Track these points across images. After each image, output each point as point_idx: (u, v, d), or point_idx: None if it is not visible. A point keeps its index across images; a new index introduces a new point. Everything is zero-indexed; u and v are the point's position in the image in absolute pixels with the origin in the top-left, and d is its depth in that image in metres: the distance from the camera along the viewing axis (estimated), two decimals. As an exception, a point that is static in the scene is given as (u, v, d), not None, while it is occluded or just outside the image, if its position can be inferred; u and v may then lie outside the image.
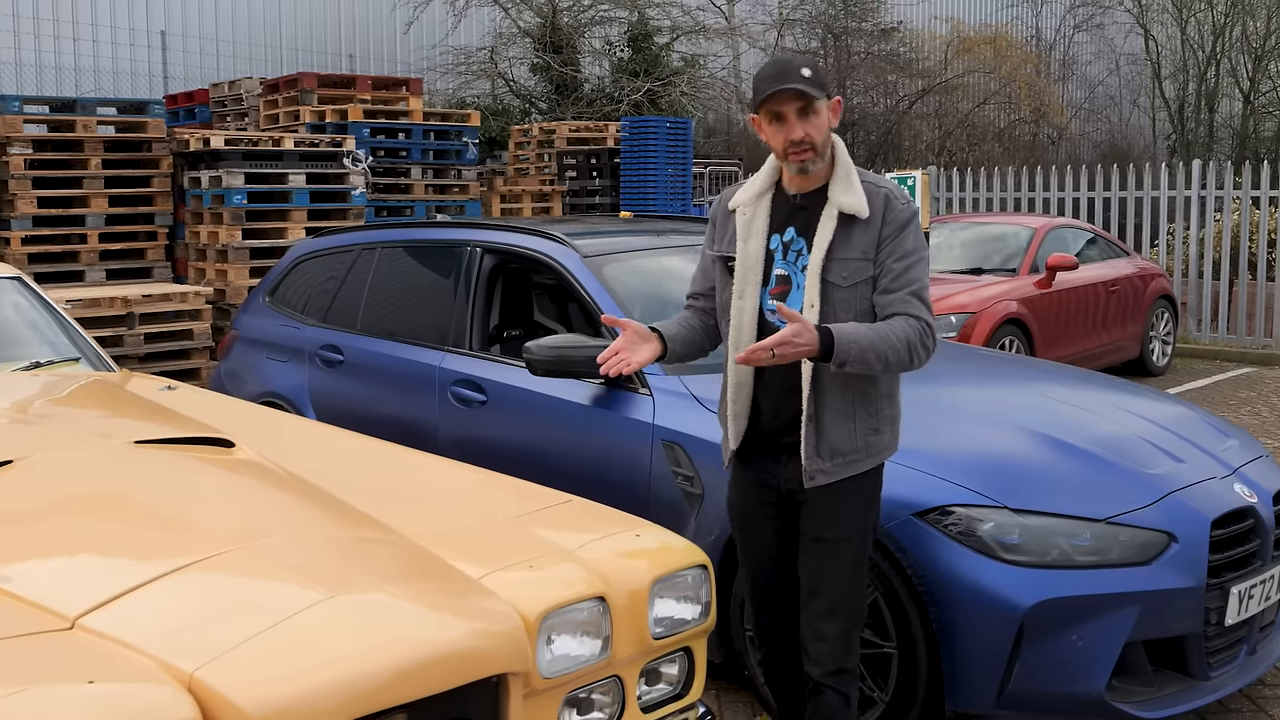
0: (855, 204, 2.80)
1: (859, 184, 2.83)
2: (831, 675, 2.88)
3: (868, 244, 2.81)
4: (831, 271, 2.80)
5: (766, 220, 2.91)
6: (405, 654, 2.07)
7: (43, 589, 2.22)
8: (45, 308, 4.43)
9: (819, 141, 2.79)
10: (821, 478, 2.83)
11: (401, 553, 2.47)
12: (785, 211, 2.90)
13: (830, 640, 2.87)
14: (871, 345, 2.71)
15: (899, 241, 2.81)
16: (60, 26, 16.00)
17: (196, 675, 1.96)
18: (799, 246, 2.87)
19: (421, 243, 5.26)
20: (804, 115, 2.77)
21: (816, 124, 2.78)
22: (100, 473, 2.79)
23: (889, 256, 2.81)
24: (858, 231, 2.81)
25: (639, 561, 2.60)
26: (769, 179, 2.94)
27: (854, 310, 2.81)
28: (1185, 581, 3.37)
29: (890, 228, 2.82)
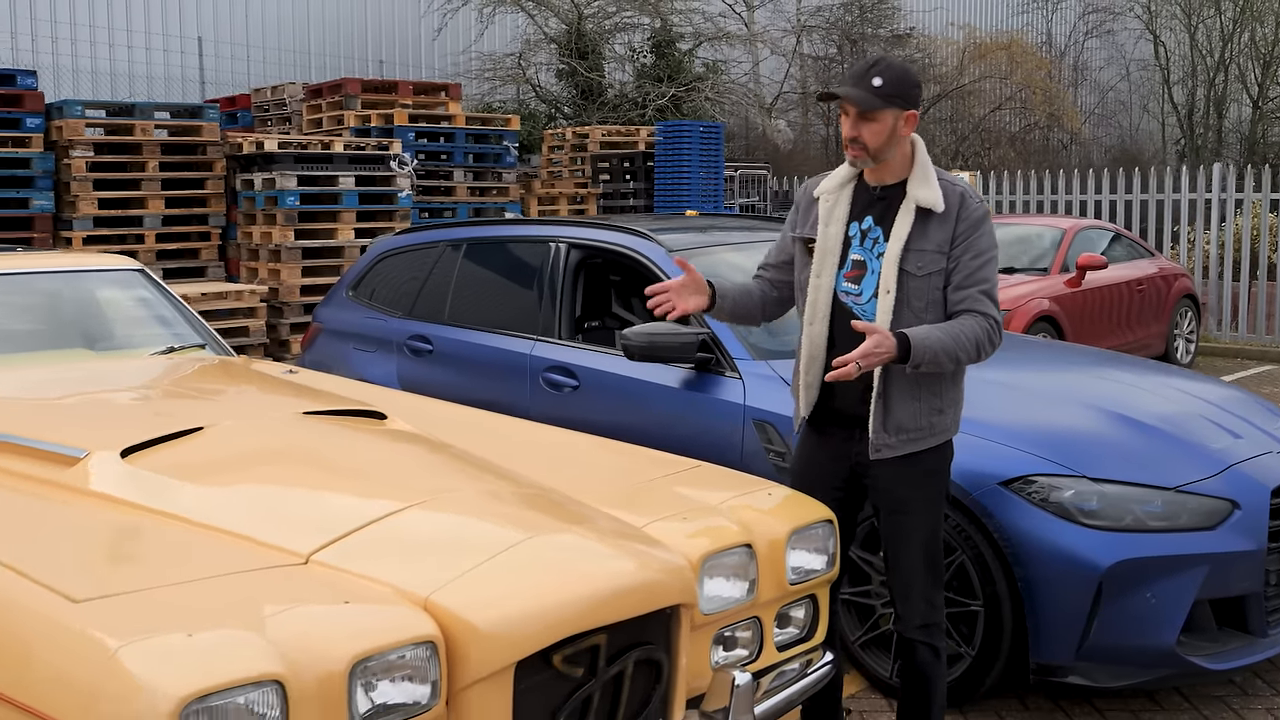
0: (932, 199, 3.03)
1: (936, 181, 3.06)
2: (919, 630, 3.18)
3: (943, 238, 3.04)
4: (908, 261, 3.04)
5: (847, 208, 3.15)
6: (604, 584, 2.39)
7: (270, 532, 2.53)
8: (168, 298, 4.75)
9: (871, 145, 3.01)
10: (887, 451, 3.08)
11: (573, 504, 2.78)
12: (865, 201, 3.14)
13: (914, 600, 3.16)
14: (944, 348, 2.95)
15: (974, 239, 3.03)
16: (96, 32, 16.31)
17: (431, 599, 2.27)
18: (875, 235, 3.10)
19: (507, 239, 5.57)
20: (862, 118, 3.00)
21: (872, 129, 3.00)
22: (284, 437, 3.11)
23: (964, 253, 3.03)
24: (934, 226, 3.04)
25: (776, 515, 2.91)
26: (852, 170, 3.16)
27: (925, 298, 3.05)
28: (1248, 545, 3.69)
29: (965, 224, 3.04)
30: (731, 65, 19.63)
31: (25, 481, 2.90)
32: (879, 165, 3.09)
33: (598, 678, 2.39)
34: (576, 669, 2.36)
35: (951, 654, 3.78)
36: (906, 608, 3.17)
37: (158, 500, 2.72)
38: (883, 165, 3.09)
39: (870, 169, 3.12)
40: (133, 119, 10.20)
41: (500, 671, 2.23)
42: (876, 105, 2.98)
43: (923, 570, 3.15)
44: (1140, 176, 13.20)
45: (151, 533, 2.57)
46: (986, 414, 3.88)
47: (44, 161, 9.75)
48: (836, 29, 21.97)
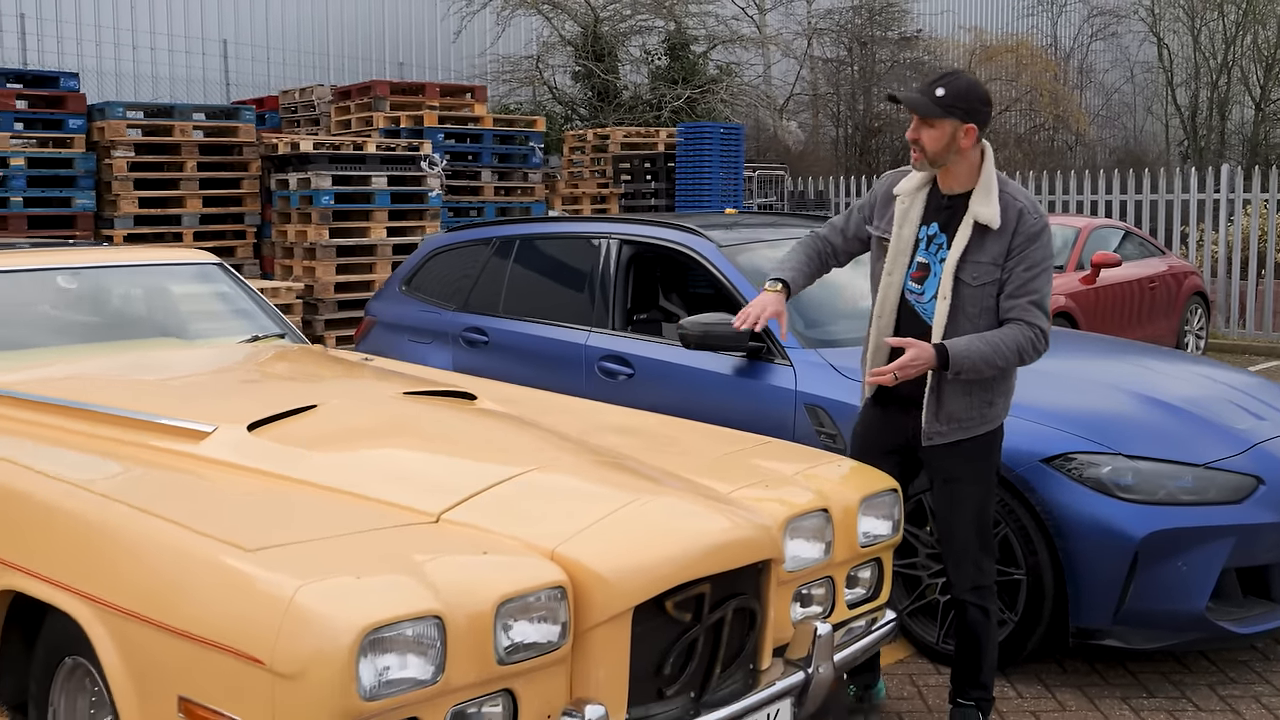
0: (990, 216, 3.26)
1: (997, 196, 3.28)
2: (970, 592, 3.46)
3: (999, 252, 3.28)
4: (964, 271, 3.30)
5: (921, 212, 3.43)
6: (707, 539, 2.66)
7: (399, 495, 2.81)
8: (246, 290, 5.02)
9: (929, 150, 3.28)
10: (939, 438, 3.37)
11: (665, 472, 3.06)
12: (935, 207, 3.40)
13: (965, 566, 3.44)
14: (984, 358, 3.22)
15: (1029, 252, 3.26)
16: (120, 34, 16.58)
17: (558, 550, 2.54)
18: (940, 240, 3.36)
19: (560, 235, 5.85)
20: (923, 123, 3.27)
21: (931, 135, 3.26)
22: (392, 414, 3.38)
23: (1018, 265, 3.26)
24: (990, 240, 3.27)
25: (847, 484, 3.19)
26: (926, 179, 3.42)
27: (980, 305, 3.31)
28: (1272, 517, 3.96)
29: (1021, 238, 3.27)
30: (744, 68, 19.90)
31: (160, 454, 3.18)
32: (945, 172, 3.35)
33: (702, 623, 2.67)
34: (684, 615, 2.64)
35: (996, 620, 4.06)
36: (958, 573, 3.45)
37: (288, 468, 2.99)
38: (951, 174, 3.35)
39: (943, 177, 3.38)
40: (172, 120, 10.48)
41: (620, 615, 2.51)
42: (935, 113, 3.25)
43: (974, 537, 3.42)
44: (1150, 177, 13.48)
45: (290, 496, 2.85)
46: (1028, 397, 4.15)
47: (86, 161, 10.04)
48: (846, 32, 22.25)
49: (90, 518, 2.71)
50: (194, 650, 2.35)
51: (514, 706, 2.43)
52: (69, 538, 2.71)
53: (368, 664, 2.18)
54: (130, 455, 3.19)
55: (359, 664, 2.16)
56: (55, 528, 2.77)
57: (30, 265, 4.52)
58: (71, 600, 2.64)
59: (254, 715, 2.24)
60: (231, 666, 2.28)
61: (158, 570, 2.48)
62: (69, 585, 2.65)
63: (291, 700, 2.19)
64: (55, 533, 2.76)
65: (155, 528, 2.59)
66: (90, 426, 3.41)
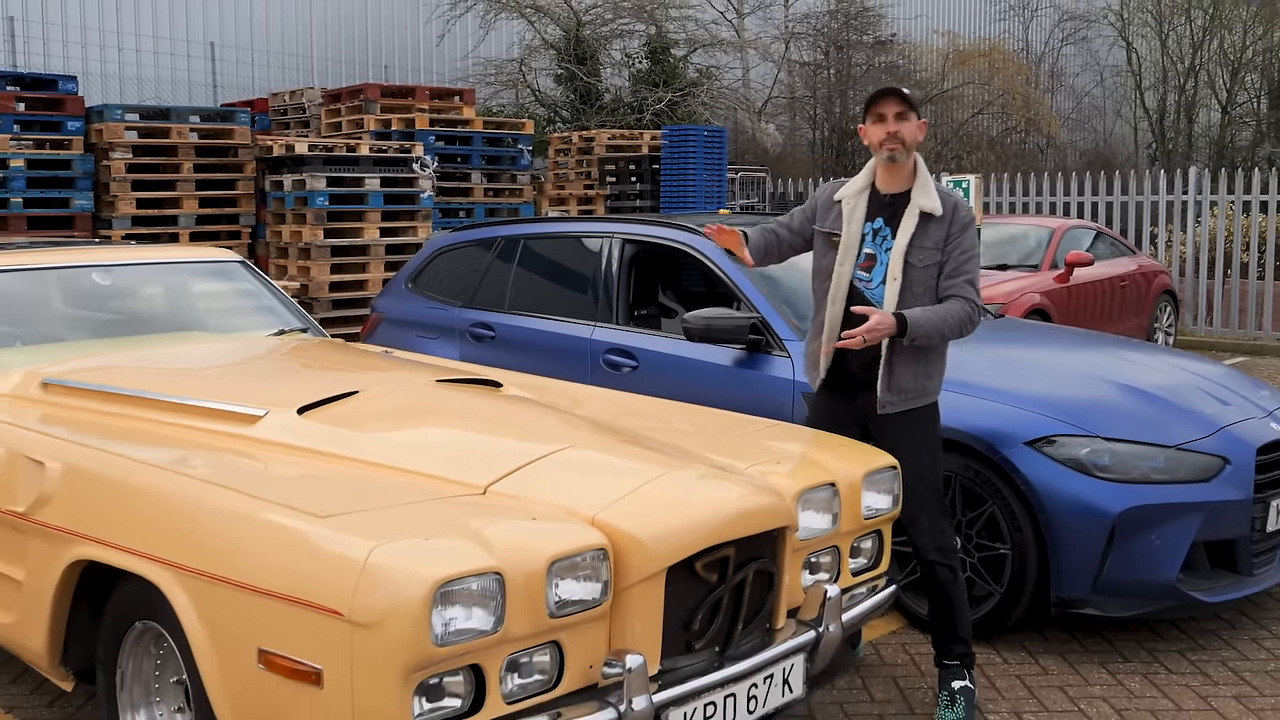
0: (933, 205, 3.73)
1: (935, 191, 3.76)
2: (936, 552, 3.81)
3: (940, 237, 3.74)
4: (912, 254, 3.73)
5: (864, 211, 3.85)
6: (731, 506, 2.94)
7: (446, 470, 3.07)
8: (268, 286, 5.27)
9: (906, 139, 3.73)
10: (890, 407, 3.78)
11: (685, 450, 3.33)
12: (877, 206, 3.83)
13: (925, 527, 3.80)
14: (934, 326, 3.66)
15: (963, 239, 3.75)
16: (106, 36, 16.72)
17: (598, 517, 2.81)
18: (885, 233, 3.79)
19: (564, 235, 6.12)
20: (899, 117, 3.72)
21: (906, 127, 3.73)
22: (428, 398, 3.65)
23: (955, 249, 3.74)
24: (933, 226, 3.73)
25: (852, 462, 3.47)
26: (866, 180, 3.87)
27: (924, 285, 3.76)
28: (1237, 495, 4.28)
29: (957, 226, 3.75)
30: (724, 71, 20.21)
31: (215, 436, 3.43)
32: (890, 174, 3.81)
33: (727, 583, 2.94)
34: (711, 575, 2.91)
35: (982, 593, 4.37)
36: (923, 536, 3.81)
37: (338, 447, 3.25)
38: (894, 175, 3.80)
39: (882, 177, 3.83)
40: (168, 122, 10.67)
41: (655, 575, 2.78)
42: (911, 107, 3.76)
43: (929, 502, 3.78)
44: (1120, 179, 13.86)
45: (345, 472, 3.10)
46: (1012, 385, 4.48)
47: (84, 163, 10.22)
48: (823, 36, 22.59)
49: (167, 491, 2.96)
50: (273, 606, 2.61)
51: (560, 656, 2.70)
52: (147, 510, 2.96)
53: (438, 614, 2.45)
54: (188, 438, 3.43)
55: (431, 614, 2.43)
56: (132, 502, 3.02)
57: (67, 263, 4.76)
58: (151, 567, 2.89)
59: (332, 662, 2.50)
60: (310, 619, 2.54)
61: (236, 536, 2.73)
62: (148, 553, 2.90)
63: (369, 647, 2.45)
64: (132, 506, 3.00)
65: (230, 499, 2.84)
66: (144, 412, 3.65)
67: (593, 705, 2.69)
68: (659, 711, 2.75)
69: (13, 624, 3.44)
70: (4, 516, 3.40)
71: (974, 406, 4.40)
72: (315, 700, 2.54)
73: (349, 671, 2.48)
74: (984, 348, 5.02)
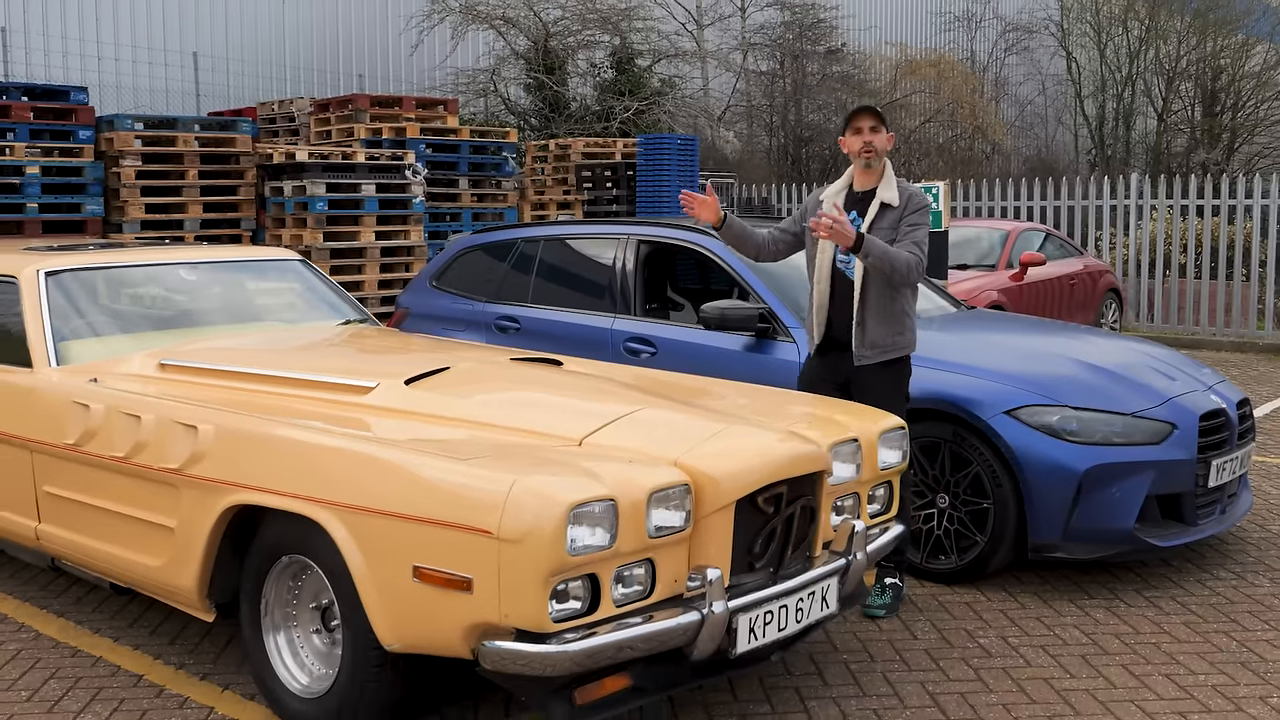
0: (891, 197, 4.70)
1: (895, 187, 4.68)
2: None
3: (895, 219, 4.68)
4: (873, 234, 4.64)
5: (843, 205, 4.76)
6: (783, 452, 3.61)
7: (545, 426, 3.72)
8: (326, 281, 5.87)
9: (878, 147, 4.71)
10: (865, 360, 4.68)
11: (732, 411, 4.01)
12: (852, 201, 4.81)
13: None
14: (884, 251, 4.51)
15: (914, 217, 4.68)
16: (85, 45, 17.08)
17: (679, 460, 3.47)
18: (858, 222, 4.71)
19: (583, 235, 6.77)
20: (872, 130, 4.69)
21: (878, 138, 4.71)
22: (510, 372, 4.29)
23: (905, 224, 4.67)
24: (890, 214, 4.70)
25: (869, 421, 4.16)
26: (845, 181, 4.87)
27: None
28: (1183, 455, 5.03)
29: (910, 210, 4.69)
30: (686, 81, 20.93)
31: (335, 405, 4.05)
32: (867, 174, 4.75)
33: (780, 514, 3.62)
34: (768, 508, 3.59)
35: (968, 543, 5.08)
36: None
37: (447, 410, 3.89)
38: (868, 176, 4.77)
39: (858, 179, 4.81)
40: (175, 131, 11.19)
41: (726, 506, 3.45)
42: (883, 122, 4.70)
43: None
44: (1067, 184, 14.75)
45: (459, 429, 3.74)
46: (993, 364, 5.20)
47: (95, 170, 10.71)
48: (779, 46, 23.39)
49: (319, 444, 3.58)
50: (426, 530, 3.24)
51: (654, 571, 3.36)
52: (305, 460, 3.57)
53: (571, 531, 3.10)
54: (309, 407, 4.05)
55: (566, 531, 3.08)
56: (288, 454, 3.63)
57: (160, 260, 5.35)
58: (311, 507, 3.51)
59: (482, 571, 3.14)
60: (461, 539, 3.18)
61: (390, 477, 3.36)
62: (307, 495, 3.52)
63: (514, 558, 3.09)
64: (289, 457, 3.61)
65: (379, 447, 3.47)
66: (261, 386, 4.27)
67: (680, 609, 3.36)
68: (731, 616, 3.42)
69: (161, 566, 4.03)
70: (156, 473, 3.99)
71: (960, 382, 5.11)
72: (466, 603, 3.18)
73: (496, 579, 3.13)
74: (966, 334, 5.76)
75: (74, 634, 4.65)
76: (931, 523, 5.17)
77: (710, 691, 4.05)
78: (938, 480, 5.14)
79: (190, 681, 4.17)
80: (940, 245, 7.93)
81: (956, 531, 5.11)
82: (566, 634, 3.16)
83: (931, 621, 4.71)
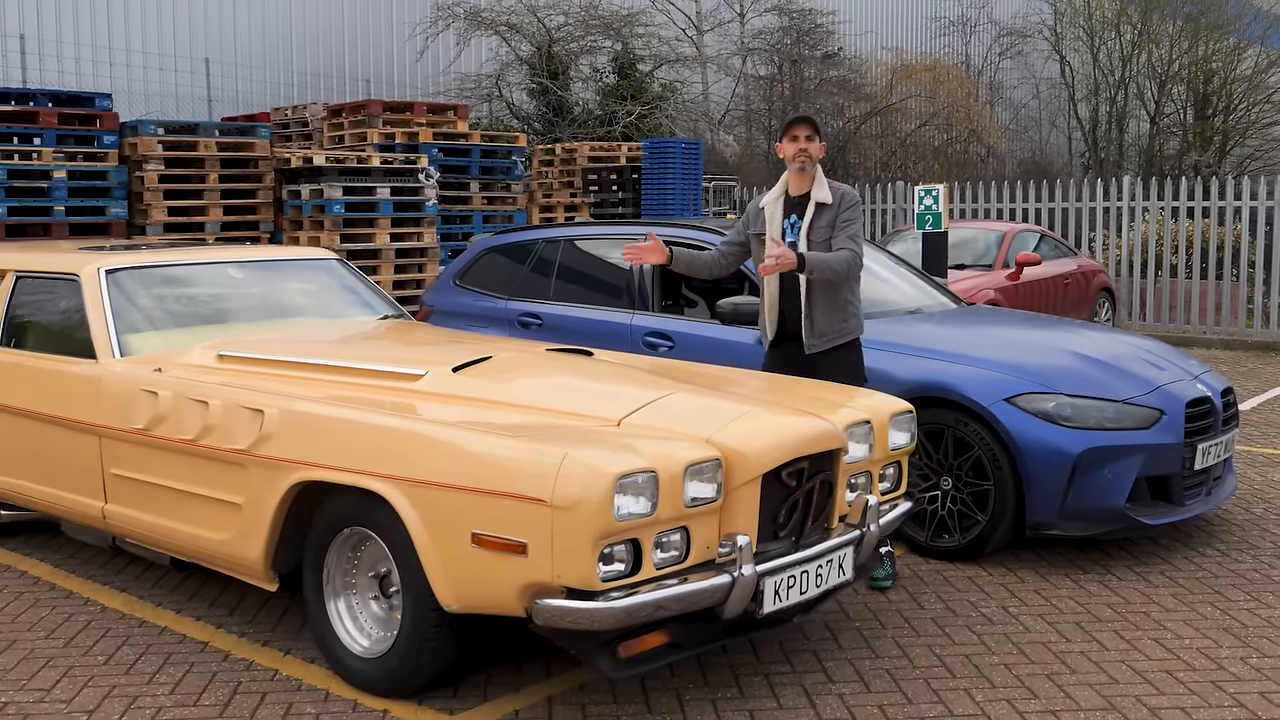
0: (824, 196, 5.11)
1: (827, 187, 5.10)
2: None
3: (831, 218, 5.10)
4: (812, 234, 5.10)
5: (781, 211, 5.20)
6: (804, 431, 3.96)
7: (585, 408, 4.06)
8: (362, 280, 6.21)
9: (812, 154, 5.11)
10: (814, 348, 5.12)
11: (755, 395, 4.35)
12: (789, 205, 5.21)
13: None
14: (825, 262, 4.95)
15: (848, 214, 5.10)
16: (98, 52, 17.42)
17: (711, 438, 3.82)
18: (798, 224, 5.15)
19: (601, 236, 7.12)
20: (808, 139, 5.09)
21: (813, 146, 5.11)
22: (547, 361, 4.63)
23: (840, 221, 5.09)
24: (825, 213, 5.10)
25: (881, 405, 4.51)
26: (781, 189, 5.25)
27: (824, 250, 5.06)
28: (1171, 439, 5.39)
29: (844, 208, 5.11)
30: (686, 85, 21.31)
31: (387, 391, 4.39)
32: (801, 179, 5.15)
33: (801, 488, 3.97)
34: (791, 482, 3.93)
35: (970, 522, 5.43)
36: None
37: (494, 395, 4.23)
38: (802, 180, 5.15)
39: (793, 184, 5.18)
40: (196, 136, 11.53)
41: (753, 480, 3.79)
42: (817, 132, 5.13)
43: None
44: (1061, 187, 15.13)
45: (505, 411, 4.09)
46: (993, 355, 5.56)
47: (119, 174, 11.05)
48: (777, 51, 23.77)
49: (380, 424, 3.92)
50: (484, 500, 3.59)
51: (688, 537, 3.70)
52: (368, 439, 3.91)
53: (617, 499, 3.44)
54: (363, 393, 4.39)
55: (614, 499, 3.42)
56: (352, 434, 3.96)
57: (210, 259, 5.69)
58: (375, 482, 3.85)
59: (536, 536, 3.48)
60: (517, 507, 3.52)
61: (449, 452, 3.70)
62: (371, 471, 3.86)
63: (566, 524, 3.44)
64: (353, 437, 3.95)
65: (436, 427, 3.82)
66: (316, 374, 4.61)
67: (712, 573, 3.71)
68: (758, 579, 3.77)
69: (228, 540, 4.37)
70: (224, 454, 4.34)
71: (961, 372, 5.46)
72: (521, 566, 3.53)
73: (550, 543, 3.47)
74: (967, 328, 6.12)
75: (138, 607, 4.99)
76: (936, 504, 5.52)
77: (735, 654, 4.40)
78: (941, 464, 5.49)
79: (253, 647, 4.52)
80: (940, 245, 8.29)
81: (959, 512, 5.46)
82: (612, 593, 3.50)
83: (937, 594, 5.06)
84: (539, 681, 4.19)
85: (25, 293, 5.63)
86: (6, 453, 5.42)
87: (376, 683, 4.05)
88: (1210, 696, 4.04)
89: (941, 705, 3.98)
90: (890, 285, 6.82)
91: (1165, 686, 4.12)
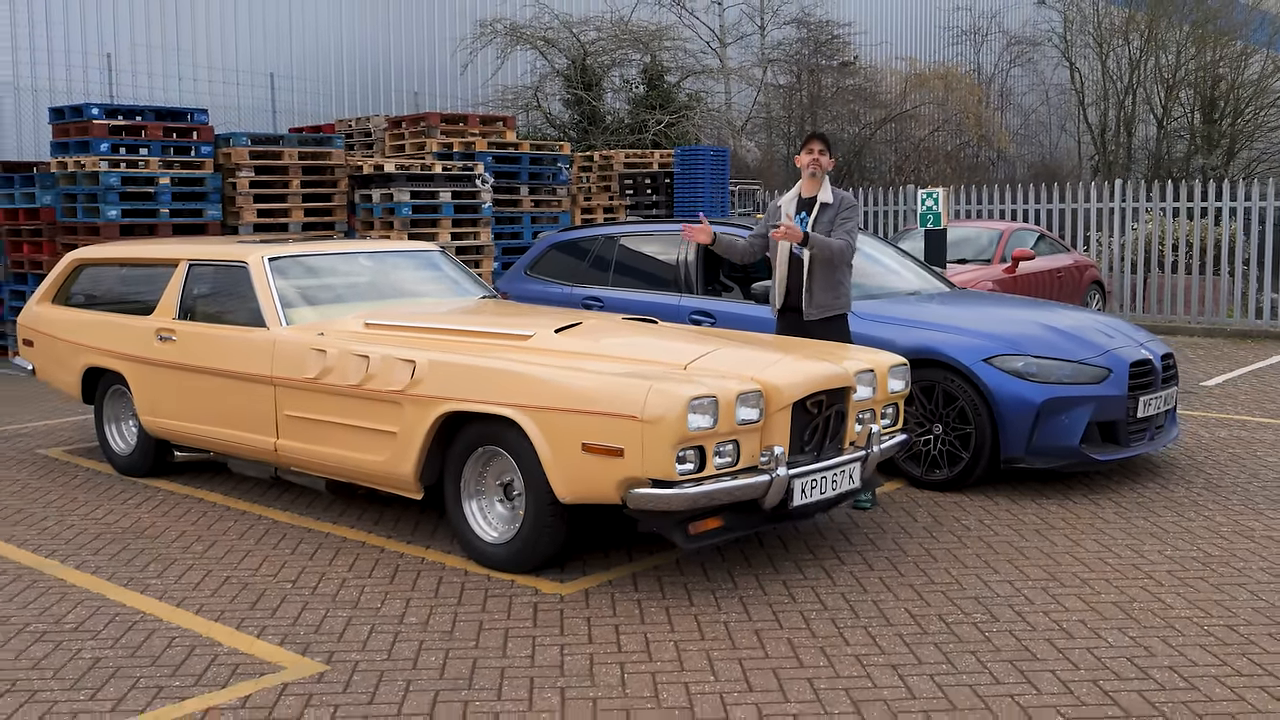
0: (827, 198, 6.50)
1: (831, 192, 6.42)
2: None
3: (832, 216, 6.47)
4: (817, 228, 6.46)
5: (794, 208, 6.55)
6: (824, 371, 5.33)
7: (657, 355, 5.44)
8: (461, 268, 7.61)
9: (823, 164, 6.49)
10: (812, 317, 6.47)
11: (784, 349, 5.74)
12: (801, 204, 6.58)
13: None
14: (824, 244, 6.32)
15: (845, 213, 6.47)
16: (168, 67, 18.86)
17: (755, 376, 5.19)
18: (806, 219, 6.49)
19: (652, 233, 8.51)
20: (820, 152, 6.45)
21: (824, 159, 6.52)
22: (625, 325, 6.02)
23: (839, 218, 6.46)
24: (828, 211, 6.48)
25: (882, 359, 5.87)
26: (796, 191, 6.63)
27: None
28: (1117, 392, 6.74)
29: (842, 208, 6.48)
30: (711, 95, 22.70)
31: (505, 348, 5.77)
32: (813, 184, 6.50)
33: (821, 415, 5.34)
34: (813, 410, 5.31)
35: (956, 459, 6.79)
36: None
37: (590, 349, 5.60)
38: (813, 185, 6.55)
39: (805, 188, 6.55)
40: (280, 146, 12.97)
41: (785, 407, 5.16)
42: (829, 145, 6.46)
43: None
44: (1068, 189, 16.45)
45: (599, 360, 5.46)
46: (975, 325, 6.92)
47: (214, 180, 12.49)
48: (796, 61, 25.15)
49: (509, 365, 5.31)
50: (591, 418, 4.96)
51: (738, 449, 5.06)
52: (502, 376, 5.29)
53: (690, 416, 4.81)
54: (487, 349, 5.78)
55: (688, 415, 4.79)
56: (488, 373, 5.35)
57: (345, 250, 7.10)
58: (509, 410, 5.23)
59: (630, 443, 4.85)
60: (615, 423, 4.90)
61: (566, 384, 5.08)
62: (506, 401, 5.24)
63: (652, 434, 4.80)
64: (490, 375, 5.33)
65: (554, 370, 5.20)
66: (447, 337, 5.99)
67: (756, 474, 5.08)
68: (790, 480, 5.14)
69: (385, 460, 5.76)
70: (383, 394, 5.73)
71: (949, 340, 6.82)
72: (618, 464, 4.90)
73: (640, 448, 4.84)
74: (955, 306, 7.47)
75: (300, 520, 6.39)
76: (929, 445, 6.87)
77: (770, 546, 5.76)
78: (933, 413, 6.84)
79: (400, 544, 5.91)
80: (940, 240, 9.65)
81: (948, 451, 6.81)
82: (684, 484, 4.88)
83: (928, 512, 6.42)
84: (623, 564, 5.56)
85: (196, 278, 7.04)
86: (190, 403, 6.83)
87: (505, 562, 5.43)
88: (1129, 574, 5.39)
89: (925, 577, 5.34)
90: (895, 273, 8.20)
91: (1096, 568, 5.47)
